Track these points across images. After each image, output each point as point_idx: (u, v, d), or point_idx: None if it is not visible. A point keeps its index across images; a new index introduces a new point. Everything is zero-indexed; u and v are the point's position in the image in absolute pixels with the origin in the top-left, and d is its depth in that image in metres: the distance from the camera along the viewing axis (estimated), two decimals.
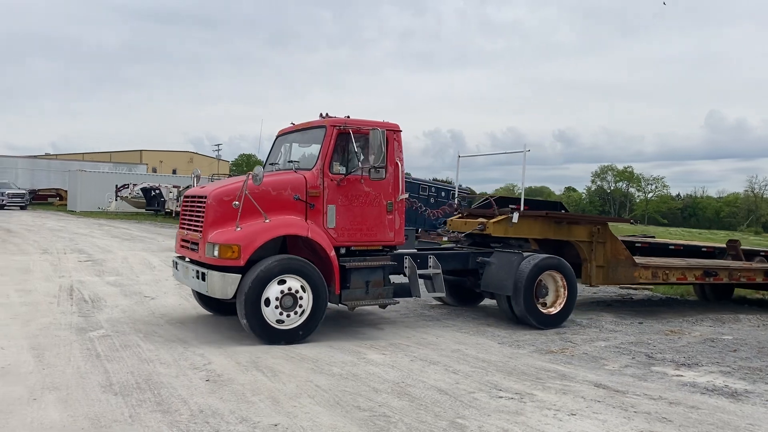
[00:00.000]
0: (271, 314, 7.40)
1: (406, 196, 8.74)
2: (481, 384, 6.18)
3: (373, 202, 8.31)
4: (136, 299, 10.26)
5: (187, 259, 8.26)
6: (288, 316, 7.49)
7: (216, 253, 7.37)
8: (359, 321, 9.18)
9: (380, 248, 8.52)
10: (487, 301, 10.81)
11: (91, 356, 6.64)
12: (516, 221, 9.49)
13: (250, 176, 7.55)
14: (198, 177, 9.27)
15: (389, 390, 5.88)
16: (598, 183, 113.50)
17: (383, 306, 8.56)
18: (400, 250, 8.81)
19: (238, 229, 7.44)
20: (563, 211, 11.90)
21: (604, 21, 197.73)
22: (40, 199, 45.42)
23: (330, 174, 8.07)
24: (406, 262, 8.76)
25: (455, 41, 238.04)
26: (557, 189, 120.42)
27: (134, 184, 40.01)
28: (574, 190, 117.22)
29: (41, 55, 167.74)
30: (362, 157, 8.10)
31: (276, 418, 5.04)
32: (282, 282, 7.46)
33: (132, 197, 39.10)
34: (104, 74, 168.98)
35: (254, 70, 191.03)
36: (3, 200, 38.26)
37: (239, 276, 7.41)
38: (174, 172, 62.58)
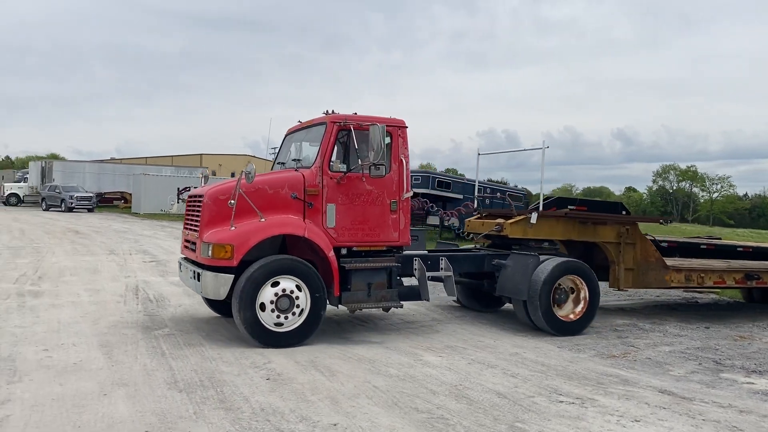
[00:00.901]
0: (266, 316, 7.21)
1: (411, 194, 8.41)
2: (541, 388, 6.08)
3: (376, 201, 8.00)
4: (198, 299, 10.51)
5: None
6: (285, 318, 7.28)
7: (210, 252, 7.23)
8: (413, 322, 9.18)
9: (384, 249, 8.18)
10: None
11: (157, 354, 6.86)
12: (534, 222, 9.11)
13: (244, 174, 7.39)
14: (206, 177, 9.17)
15: (447, 392, 5.85)
16: (660, 183, 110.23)
17: (386, 309, 8.32)
18: (409, 252, 8.48)
19: (233, 228, 7.31)
20: (624, 213, 11.55)
21: (665, 16, 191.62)
22: (105, 202, 47.11)
23: (329, 172, 7.81)
24: (416, 264, 8.42)
25: (509, 40, 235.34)
26: (617, 189, 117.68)
27: (195, 187, 41.06)
28: (634, 190, 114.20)
29: (105, 64, 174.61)
30: (363, 154, 7.72)
31: (335, 417, 5.10)
32: (277, 283, 7.27)
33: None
34: (164, 81, 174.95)
35: (308, 74, 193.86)
36: (72, 203, 39.88)
37: (232, 276, 7.24)
38: (232, 175, 64.03)
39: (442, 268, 8.63)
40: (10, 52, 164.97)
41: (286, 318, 7.29)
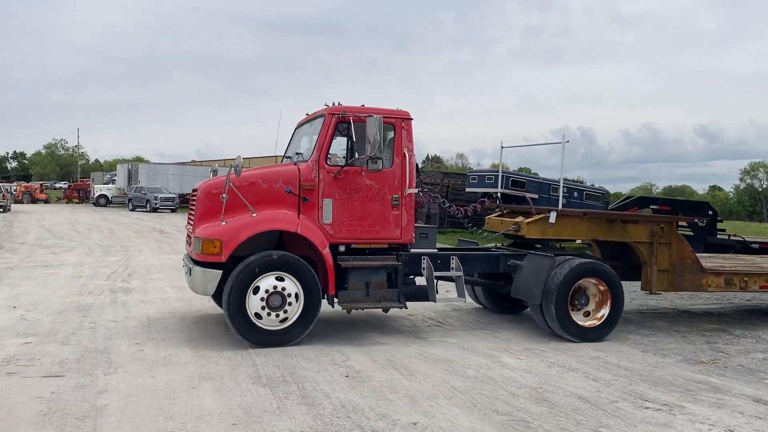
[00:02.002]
0: (257, 314, 7.06)
1: (416, 191, 7.99)
2: (625, 393, 5.90)
3: (376, 197, 7.66)
4: None
5: None
6: (276, 315, 7.10)
7: (200, 247, 7.10)
8: (490, 323, 9.08)
9: (386, 247, 7.84)
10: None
11: (240, 349, 7.07)
12: (554, 221, 8.57)
13: (233, 168, 7.24)
14: (215, 172, 8.94)
15: (527, 395, 5.77)
16: (748, 181, 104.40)
17: (386, 310, 8.04)
18: (417, 250, 8.08)
19: (223, 223, 7.17)
20: (711, 213, 10.99)
21: (750, 5, 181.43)
22: (187, 203, 48.87)
23: (326, 166, 7.54)
24: (424, 263, 8.00)
25: (584, 35, 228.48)
26: (700, 188, 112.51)
27: None
28: (719, 189, 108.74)
29: (187, 70, 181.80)
30: (362, 148, 7.38)
31: (414, 416, 5.12)
32: (269, 280, 7.10)
33: None
34: (241, 85, 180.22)
35: (380, 75, 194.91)
36: (156, 203, 41.75)
37: (220, 272, 7.11)
38: None
39: (452, 268, 8.21)
40: (99, 61, 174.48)
41: (277, 316, 7.12)
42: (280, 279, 7.16)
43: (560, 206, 8.70)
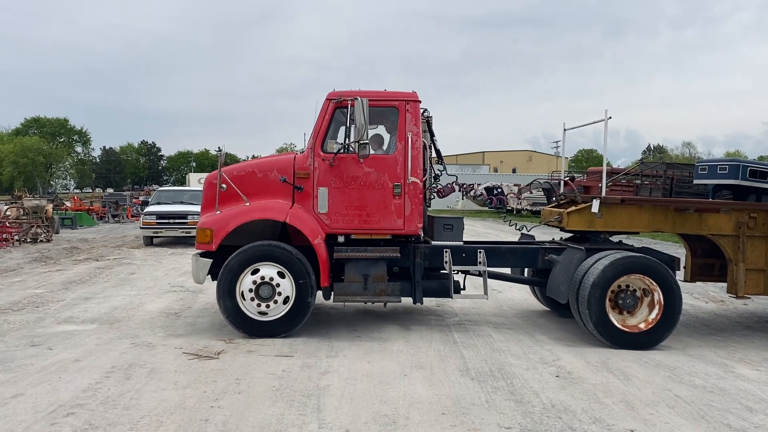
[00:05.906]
0: (248, 305, 7.01)
1: (417, 181, 7.33)
2: None
3: (375, 185, 7.27)
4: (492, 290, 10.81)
5: None
6: (267, 306, 7.00)
7: (196, 236, 7.23)
8: (721, 330, 8.19)
9: (389, 238, 7.44)
10: None
11: (449, 341, 7.23)
12: (597, 210, 7.30)
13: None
14: (223, 154, 8.71)
15: (767, 411, 5.11)
16: None
17: (385, 304, 7.66)
18: (439, 242, 7.60)
19: (218, 212, 7.21)
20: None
21: None
22: None
23: (321, 153, 7.26)
24: (446, 257, 7.48)
25: None
26: None
27: (478, 184, 42.34)
28: None
29: (398, 73, 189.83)
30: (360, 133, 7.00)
31: (631, 423, 4.81)
32: (257, 270, 7.01)
33: (476, 196, 41.43)
34: (447, 83, 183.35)
35: (590, 63, 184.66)
36: None
37: (210, 261, 7.19)
38: (514, 171, 64.53)
39: (480, 262, 7.55)
40: (320, 71, 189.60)
41: (268, 306, 7.04)
42: (269, 269, 7.10)
43: (604, 192, 7.46)
